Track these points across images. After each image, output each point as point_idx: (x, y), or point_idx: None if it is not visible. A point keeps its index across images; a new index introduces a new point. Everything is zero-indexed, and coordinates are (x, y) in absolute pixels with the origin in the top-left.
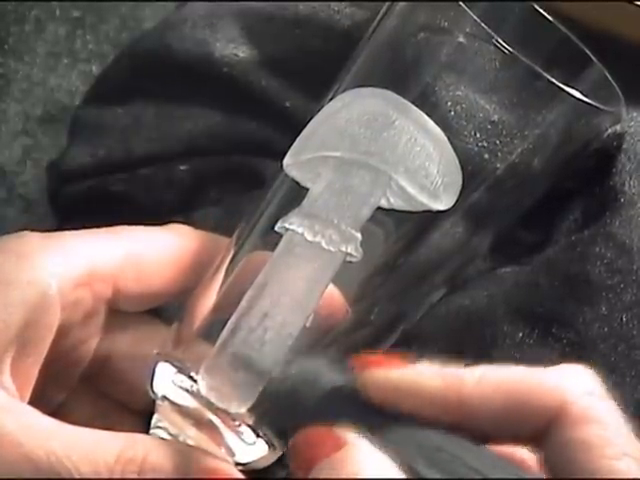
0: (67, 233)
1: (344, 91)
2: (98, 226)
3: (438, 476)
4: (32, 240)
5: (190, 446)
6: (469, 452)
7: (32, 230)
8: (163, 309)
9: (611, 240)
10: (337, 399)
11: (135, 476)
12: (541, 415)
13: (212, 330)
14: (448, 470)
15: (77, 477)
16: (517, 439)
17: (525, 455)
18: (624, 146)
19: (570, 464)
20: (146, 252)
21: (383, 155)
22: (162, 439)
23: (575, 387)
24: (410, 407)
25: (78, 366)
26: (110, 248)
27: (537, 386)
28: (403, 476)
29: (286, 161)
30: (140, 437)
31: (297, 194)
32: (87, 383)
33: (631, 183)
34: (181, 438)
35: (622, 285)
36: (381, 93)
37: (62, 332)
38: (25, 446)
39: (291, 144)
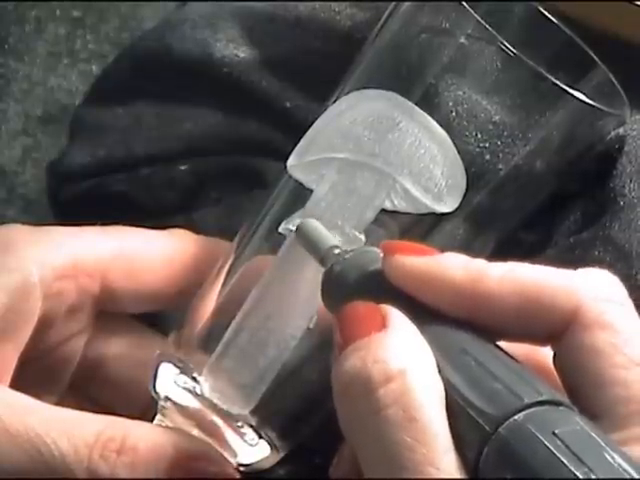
0: (56, 227)
1: (348, 92)
2: (99, 225)
3: (461, 381)
4: (19, 230)
5: (170, 428)
6: (494, 359)
7: None
8: (161, 318)
9: (610, 244)
10: (371, 283)
11: (114, 455)
12: (556, 317)
13: (214, 332)
14: (471, 376)
15: (56, 454)
16: (533, 339)
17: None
18: (625, 149)
19: (579, 370)
20: (138, 250)
21: (387, 157)
22: (142, 420)
23: (592, 291)
24: (431, 296)
25: (66, 365)
26: (98, 243)
27: (555, 287)
28: (436, 371)
29: (290, 162)
30: (120, 418)
31: (301, 195)
32: (78, 390)
33: (631, 186)
34: None
35: None
36: (386, 95)
37: (45, 323)
38: (4, 421)
39: (291, 144)
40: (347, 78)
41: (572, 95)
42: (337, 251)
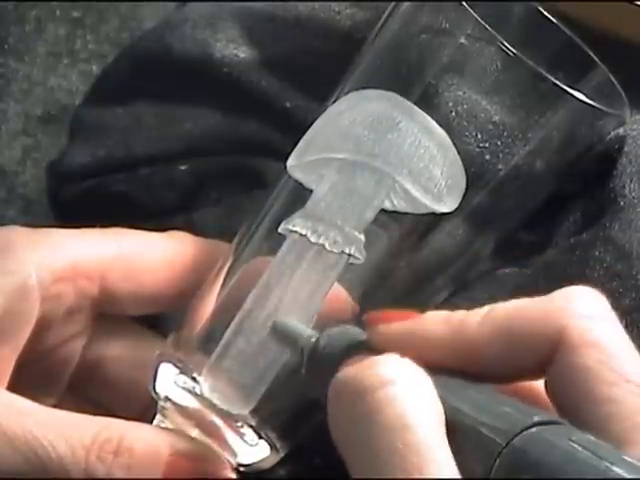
0: (55, 229)
1: (348, 93)
2: (98, 226)
3: (467, 406)
4: (18, 233)
5: (167, 429)
6: (495, 392)
7: None
8: (160, 319)
9: (610, 244)
10: (358, 352)
11: (111, 457)
12: (541, 344)
13: (214, 333)
14: (476, 402)
15: (53, 456)
16: (524, 373)
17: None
18: (625, 149)
19: (570, 391)
20: (138, 253)
21: (387, 157)
22: (139, 422)
23: (574, 310)
24: (418, 355)
25: (64, 367)
26: (98, 246)
27: (538, 313)
28: (434, 390)
29: (290, 162)
30: (116, 420)
31: (300, 196)
32: (77, 391)
33: (631, 186)
34: None
35: (621, 290)
36: (386, 95)
37: (43, 325)
38: (1, 423)
39: (291, 144)
40: (347, 78)
41: (572, 95)
42: (314, 339)
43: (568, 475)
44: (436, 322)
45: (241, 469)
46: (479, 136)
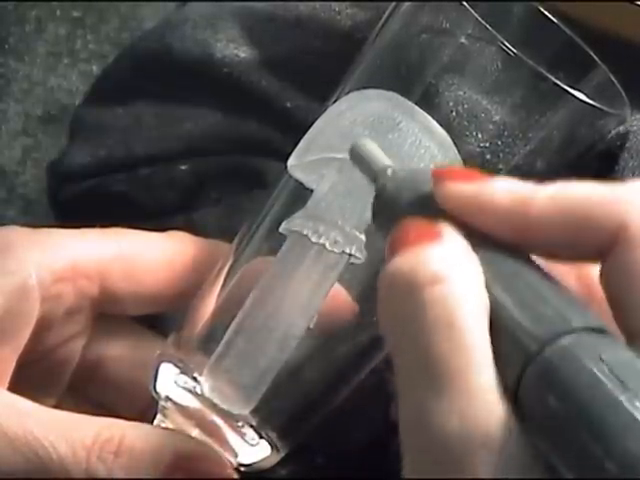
0: (55, 229)
1: (349, 92)
2: (98, 226)
3: (510, 301)
4: (18, 233)
5: (168, 429)
6: (545, 284)
7: None
8: (160, 319)
9: None
10: (423, 205)
11: (112, 457)
12: (603, 234)
13: (215, 333)
14: (520, 297)
15: (54, 457)
16: (582, 257)
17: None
18: (627, 144)
19: (622, 288)
20: (138, 253)
21: (387, 157)
22: (142, 421)
23: (637, 206)
24: (480, 221)
25: (64, 367)
26: (97, 246)
27: (601, 203)
28: (483, 286)
29: (290, 162)
30: (117, 420)
31: (301, 196)
32: (77, 391)
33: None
34: None
35: None
36: (386, 95)
37: (43, 325)
38: (2, 424)
39: (292, 144)
40: (347, 78)
41: (572, 95)
42: (390, 171)
43: (589, 406)
44: (502, 191)
45: (242, 469)
46: (480, 136)
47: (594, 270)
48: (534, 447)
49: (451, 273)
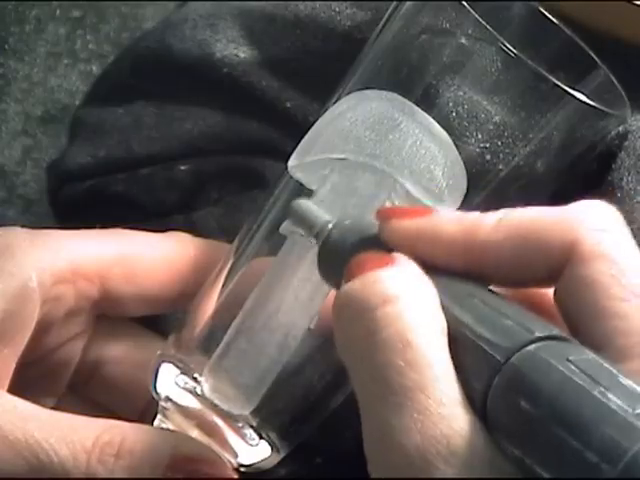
0: (55, 231)
1: (349, 93)
2: (98, 227)
3: (470, 317)
4: (18, 234)
5: (169, 430)
6: (501, 301)
7: None
8: (160, 320)
9: None
10: (369, 247)
11: (112, 459)
12: (553, 253)
13: (215, 333)
14: (479, 314)
15: (55, 460)
16: (535, 281)
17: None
18: (625, 143)
19: (578, 303)
20: (138, 254)
21: (388, 158)
22: (142, 422)
23: (587, 222)
24: (428, 254)
25: (64, 368)
26: (97, 247)
27: (550, 224)
28: (438, 305)
29: (291, 163)
30: (117, 422)
31: (301, 196)
32: (77, 391)
33: (629, 179)
34: None
35: None
36: (387, 95)
37: (43, 327)
38: (3, 427)
39: (292, 144)
40: (348, 78)
41: (573, 96)
42: (331, 225)
43: (562, 402)
44: (449, 221)
45: (242, 469)
46: (480, 136)
47: (546, 295)
48: (503, 459)
49: (404, 293)
